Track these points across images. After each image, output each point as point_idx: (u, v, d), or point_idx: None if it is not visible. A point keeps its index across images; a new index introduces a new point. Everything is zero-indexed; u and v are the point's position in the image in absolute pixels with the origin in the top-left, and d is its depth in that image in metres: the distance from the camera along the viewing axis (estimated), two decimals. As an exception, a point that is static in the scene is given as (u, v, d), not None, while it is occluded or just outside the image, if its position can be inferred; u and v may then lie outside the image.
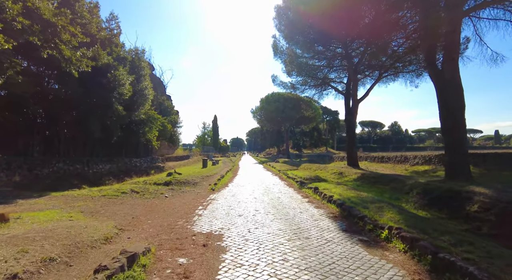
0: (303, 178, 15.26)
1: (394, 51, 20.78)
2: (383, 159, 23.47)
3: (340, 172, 18.67)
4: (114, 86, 14.46)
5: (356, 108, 21.36)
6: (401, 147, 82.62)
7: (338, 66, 24.68)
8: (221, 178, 16.22)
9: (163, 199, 9.82)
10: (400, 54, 20.59)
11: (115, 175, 20.10)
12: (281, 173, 20.25)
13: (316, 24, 20.01)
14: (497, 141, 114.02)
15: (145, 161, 27.86)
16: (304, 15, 20.13)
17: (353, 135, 21.11)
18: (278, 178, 17.36)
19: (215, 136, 79.59)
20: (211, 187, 12.66)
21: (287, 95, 52.65)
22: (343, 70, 25.02)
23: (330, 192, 9.43)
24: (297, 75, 26.26)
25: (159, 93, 33.80)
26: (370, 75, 24.04)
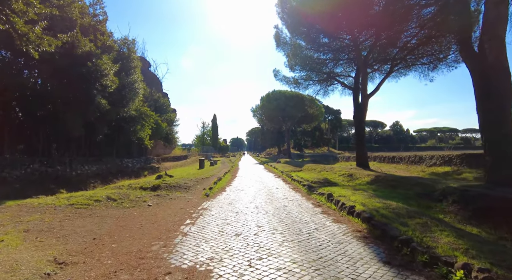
0: (310, 181, 13.53)
1: (407, 42, 19.06)
2: (394, 159, 21.72)
3: (350, 173, 16.93)
4: (96, 77, 12.74)
5: (366, 104, 19.61)
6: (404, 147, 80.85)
7: (345, 59, 22.95)
8: (218, 181, 14.49)
9: (144, 208, 8.08)
10: (413, 45, 18.87)
11: (103, 177, 18.36)
12: (284, 175, 18.51)
13: (321, 13, 18.29)
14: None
15: (138, 162, 26.13)
16: (308, 3, 18.42)
17: (362, 133, 19.37)
18: (281, 181, 15.62)
19: (215, 135, 77.86)
20: (205, 192, 10.92)
21: (289, 93, 50.92)
22: (350, 63, 23.29)
23: (349, 201, 7.69)
24: (300, 70, 24.55)
25: (155, 90, 32.07)
26: (379, 69, 22.31)
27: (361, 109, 19.56)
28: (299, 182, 13.53)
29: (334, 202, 8.19)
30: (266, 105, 49.68)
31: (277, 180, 15.94)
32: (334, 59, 23.18)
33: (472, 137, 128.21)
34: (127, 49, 17.56)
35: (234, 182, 15.30)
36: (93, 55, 12.66)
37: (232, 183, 14.82)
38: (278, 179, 16.45)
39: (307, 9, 19.02)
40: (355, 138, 18.90)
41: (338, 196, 8.59)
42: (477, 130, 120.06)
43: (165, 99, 31.75)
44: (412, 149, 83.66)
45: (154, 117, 22.47)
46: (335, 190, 9.92)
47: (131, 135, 20.67)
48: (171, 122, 32.00)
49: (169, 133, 31.30)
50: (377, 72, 23.47)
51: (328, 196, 8.85)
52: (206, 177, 16.16)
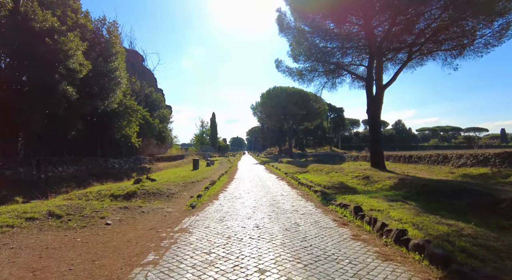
0: (323, 185, 11.13)
1: (427, 26, 16.68)
2: (412, 159, 19.32)
3: (365, 175, 14.55)
4: (58, 58, 10.34)
5: (381, 96, 17.21)
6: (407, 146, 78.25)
7: (355, 47, 20.51)
8: (211, 186, 12.09)
9: (98, 229, 5.70)
10: (435, 29, 16.50)
11: (81, 180, 15.96)
12: (288, 177, 16.13)
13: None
14: (503, 140, 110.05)
15: (127, 162, 23.72)
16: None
17: (378, 129, 16.97)
18: (286, 184, 13.22)
19: (214, 134, 75.50)
20: (191, 202, 8.53)
21: (290, 90, 48.55)
22: (360, 52, 20.86)
23: (390, 219, 5.31)
24: (305, 60, 22.15)
25: (146, 84, 29.67)
26: (393, 59, 19.89)
27: (376, 102, 17.16)
28: (309, 187, 11.13)
29: (365, 221, 5.79)
30: (267, 102, 47.26)
31: (281, 184, 13.54)
32: (342, 47, 20.77)
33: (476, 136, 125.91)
34: (107, 32, 15.16)
35: (231, 186, 12.90)
36: (56, 32, 10.28)
37: (228, 187, 12.43)
38: (282, 183, 14.06)
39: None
40: (369, 134, 16.55)
41: (369, 211, 6.20)
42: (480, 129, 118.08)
43: (158, 95, 29.36)
44: (415, 148, 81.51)
45: (141, 112, 20.08)
46: (361, 199, 7.52)
47: (115, 132, 18.29)
48: (165, 119, 29.60)
49: (162, 131, 28.90)
50: (389, 62, 21.06)
51: (355, 210, 6.44)
52: (198, 180, 13.77)
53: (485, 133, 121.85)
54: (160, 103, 29.42)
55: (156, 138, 29.49)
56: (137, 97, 25.59)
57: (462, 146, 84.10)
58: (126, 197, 9.07)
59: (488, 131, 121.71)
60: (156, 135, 28.99)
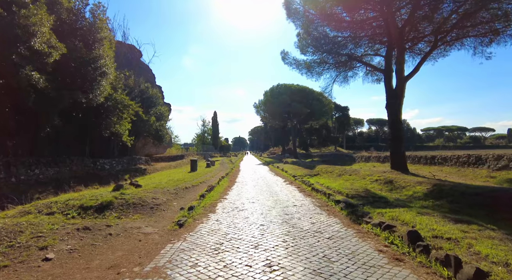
0: (344, 193, 9.12)
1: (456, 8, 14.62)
2: (435, 160, 17.25)
3: (387, 179, 12.54)
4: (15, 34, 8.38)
5: (403, 89, 15.17)
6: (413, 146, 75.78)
7: (370, 36, 18.47)
8: (208, 192, 10.11)
9: (28, 270, 3.74)
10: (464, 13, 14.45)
11: (61, 183, 14.03)
12: (298, 181, 14.13)
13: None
14: (510, 140, 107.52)
15: (119, 163, 21.81)
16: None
17: (399, 126, 14.92)
18: (297, 191, 11.22)
19: (215, 134, 73.60)
20: (179, 218, 6.57)
21: (295, 87, 46.57)
22: (375, 42, 18.82)
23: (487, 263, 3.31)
24: (313, 52, 20.21)
25: (142, 79, 27.75)
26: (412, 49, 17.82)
27: (396, 96, 15.12)
28: (326, 195, 9.11)
29: (439, 259, 3.76)
30: (270, 100, 45.30)
31: (290, 189, 11.54)
32: (356, 37, 18.76)
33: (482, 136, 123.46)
34: (91, 15, 13.24)
35: (231, 192, 10.92)
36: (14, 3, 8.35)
37: (229, 194, 10.45)
38: (292, 188, 12.05)
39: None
40: (389, 133, 14.53)
41: (433, 238, 4.20)
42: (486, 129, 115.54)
43: (154, 91, 27.41)
44: (421, 148, 79.53)
45: (133, 107, 18.14)
46: (408, 217, 5.51)
47: (103, 129, 16.37)
48: (162, 117, 27.66)
49: (159, 129, 26.97)
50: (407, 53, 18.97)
51: (410, 237, 4.41)
52: (194, 185, 11.79)
53: (491, 133, 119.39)
54: (157, 99, 27.47)
55: (153, 137, 27.56)
56: (131, 92, 23.68)
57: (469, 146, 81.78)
58: (99, 210, 7.12)
59: (495, 131, 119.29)
60: (153, 134, 27.06)
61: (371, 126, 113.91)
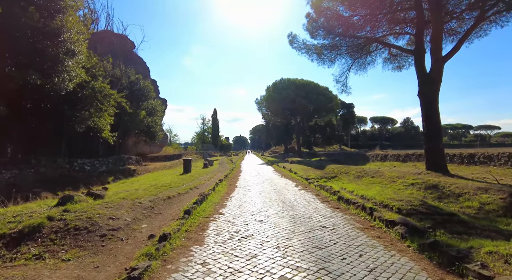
0: (393, 207, 6.31)
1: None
2: (474, 159, 14.44)
3: (429, 184, 9.81)
4: None
5: (440, 72, 12.36)
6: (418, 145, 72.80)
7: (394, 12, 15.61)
8: (198, 204, 7.34)
9: None
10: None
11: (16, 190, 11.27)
12: (313, 185, 11.35)
13: None
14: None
15: (103, 163, 19.07)
16: None
17: (436, 118, 12.11)
18: (318, 200, 8.44)
19: (215, 132, 70.86)
20: (140, 258, 3.83)
21: (299, 82, 43.72)
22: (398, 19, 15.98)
23: None
24: (325, 36, 17.51)
25: (131, 69, 24.97)
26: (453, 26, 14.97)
27: (431, 80, 12.32)
28: (367, 210, 6.33)
29: None
30: (273, 96, 42.48)
31: (308, 198, 8.76)
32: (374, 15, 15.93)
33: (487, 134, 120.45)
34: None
35: (230, 203, 8.16)
36: None
37: (226, 206, 7.69)
38: (309, 195, 9.27)
39: None
40: (424, 126, 11.63)
41: None
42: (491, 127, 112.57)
43: (146, 83, 24.64)
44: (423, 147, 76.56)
45: (116, 97, 15.37)
46: None
47: (76, 122, 13.65)
48: (154, 112, 24.90)
49: (151, 126, 24.21)
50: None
51: None
52: (180, 193, 9.01)
53: (496, 131, 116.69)
54: (149, 93, 24.68)
55: (144, 134, 24.80)
56: (117, 83, 20.95)
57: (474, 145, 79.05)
58: (13, 241, 4.39)
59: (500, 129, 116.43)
60: (144, 131, 24.30)
61: (374, 125, 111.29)
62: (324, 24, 16.90)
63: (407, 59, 17.91)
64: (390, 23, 16.41)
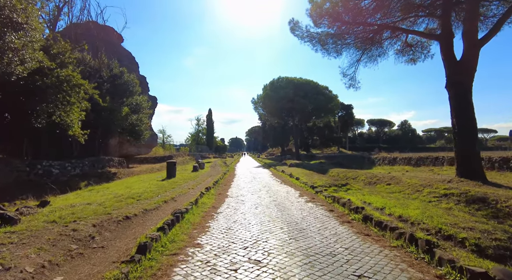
0: (484, 247, 4.03)
1: None
2: (508, 165, 12.32)
3: (470, 196, 7.75)
4: None
5: (476, 58, 10.23)
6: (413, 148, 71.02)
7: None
8: (166, 230, 5.04)
9: None
10: None
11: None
12: (322, 196, 9.09)
13: None
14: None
15: (77, 166, 16.69)
16: None
17: (470, 113, 9.97)
18: (336, 222, 6.19)
19: (210, 133, 68.48)
20: None
21: (298, 80, 41.61)
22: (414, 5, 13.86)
23: None
24: (329, 24, 15.46)
25: (115, 61, 22.60)
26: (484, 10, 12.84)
27: (465, 69, 10.19)
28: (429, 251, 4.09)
29: None
30: (270, 95, 40.27)
31: (320, 216, 6.51)
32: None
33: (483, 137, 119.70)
34: None
35: (214, 226, 5.87)
36: None
37: (208, 232, 5.41)
38: (321, 211, 7.02)
39: None
40: (455, 124, 9.42)
41: None
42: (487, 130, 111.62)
43: (131, 77, 22.28)
44: (423, 150, 75.65)
45: (86, 88, 13.02)
46: None
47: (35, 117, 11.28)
48: (139, 109, 22.52)
49: (136, 124, 21.83)
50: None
51: None
52: (146, 209, 6.66)
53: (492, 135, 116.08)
54: (134, 87, 22.30)
55: (127, 133, 22.40)
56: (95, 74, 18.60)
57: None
58: None
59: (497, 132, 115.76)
60: (128, 129, 21.90)
61: (371, 127, 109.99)
62: (329, 11, 14.79)
63: (423, 50, 15.84)
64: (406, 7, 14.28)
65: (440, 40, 11.42)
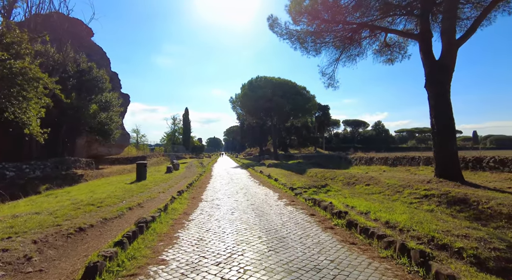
0: (484, 258, 3.61)
1: None
2: (482, 164, 12.50)
3: (451, 197, 7.60)
4: None
5: (453, 59, 10.20)
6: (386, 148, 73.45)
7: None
8: (125, 245, 4.31)
9: None
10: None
11: None
12: (302, 198, 8.63)
13: None
14: (475, 142, 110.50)
15: (37, 167, 15.32)
16: None
17: (449, 112, 9.90)
18: (318, 227, 5.71)
19: (186, 133, 66.75)
20: None
21: (276, 80, 41.38)
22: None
23: None
24: (309, 22, 15.15)
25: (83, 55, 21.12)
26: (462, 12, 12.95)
27: (443, 69, 10.14)
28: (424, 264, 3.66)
29: None
30: (249, 94, 39.70)
31: (302, 222, 6.01)
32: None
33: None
34: None
35: (184, 237, 5.19)
36: None
37: (176, 244, 4.73)
38: (301, 215, 6.53)
39: None
40: (434, 124, 9.29)
41: None
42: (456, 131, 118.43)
43: (100, 72, 20.88)
44: (396, 149, 78.48)
45: (45, 82, 11.79)
46: None
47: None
48: (109, 107, 21.17)
49: (105, 122, 20.47)
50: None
51: None
52: (106, 218, 5.83)
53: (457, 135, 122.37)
54: (103, 84, 20.90)
55: (96, 133, 20.98)
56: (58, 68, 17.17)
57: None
58: None
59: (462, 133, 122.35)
60: (97, 128, 20.50)
61: (347, 128, 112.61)
62: (308, 8, 14.46)
63: (400, 51, 15.91)
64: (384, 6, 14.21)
65: (419, 39, 11.36)
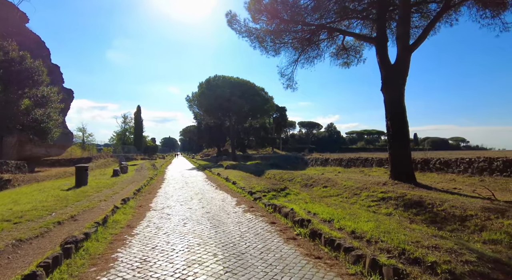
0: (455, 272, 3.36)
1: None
2: (429, 166, 13.17)
3: (407, 200, 7.67)
4: None
5: (407, 63, 10.51)
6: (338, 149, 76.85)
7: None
8: (40, 277, 3.39)
9: None
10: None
11: None
12: (262, 204, 8.12)
13: None
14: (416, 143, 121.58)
15: None
16: None
17: (403, 117, 10.14)
18: (279, 238, 5.21)
19: (138, 132, 63.01)
20: None
21: (235, 80, 40.78)
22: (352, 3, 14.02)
23: None
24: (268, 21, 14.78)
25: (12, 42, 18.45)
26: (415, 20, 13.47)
27: (397, 73, 10.40)
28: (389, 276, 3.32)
29: None
30: (206, 93, 38.54)
31: (263, 232, 5.47)
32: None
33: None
34: None
35: (124, 259, 4.32)
36: None
37: (112, 268, 3.89)
38: (261, 224, 6.01)
39: None
40: (389, 127, 9.46)
41: None
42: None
43: (36, 63, 18.39)
44: (346, 150, 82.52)
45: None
46: None
47: None
48: (46, 102, 18.77)
49: (41, 120, 18.07)
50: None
51: None
52: (21, 239, 4.72)
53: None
54: (39, 76, 18.41)
55: (31, 131, 18.45)
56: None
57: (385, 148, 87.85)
58: None
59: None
60: (31, 126, 18.01)
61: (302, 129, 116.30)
62: (268, 7, 14.10)
63: (356, 55, 16.30)
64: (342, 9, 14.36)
65: (376, 43, 11.58)
